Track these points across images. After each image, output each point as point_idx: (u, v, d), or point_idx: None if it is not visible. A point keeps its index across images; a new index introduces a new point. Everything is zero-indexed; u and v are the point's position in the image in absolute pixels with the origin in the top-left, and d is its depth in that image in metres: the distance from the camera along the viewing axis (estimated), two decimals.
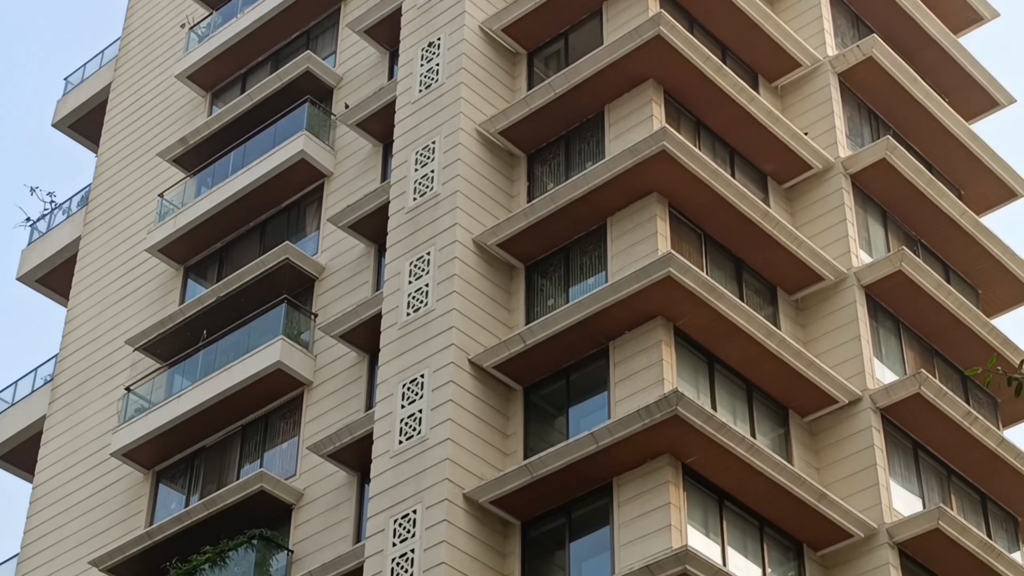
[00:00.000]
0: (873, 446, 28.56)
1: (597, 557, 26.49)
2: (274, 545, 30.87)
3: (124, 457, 34.92)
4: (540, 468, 26.60)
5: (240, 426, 34.03)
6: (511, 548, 27.28)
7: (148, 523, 34.28)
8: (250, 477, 31.66)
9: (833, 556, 27.87)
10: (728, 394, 28.47)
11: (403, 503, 27.24)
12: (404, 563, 26.59)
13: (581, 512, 27.06)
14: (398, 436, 28.11)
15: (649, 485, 26.06)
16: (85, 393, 38.23)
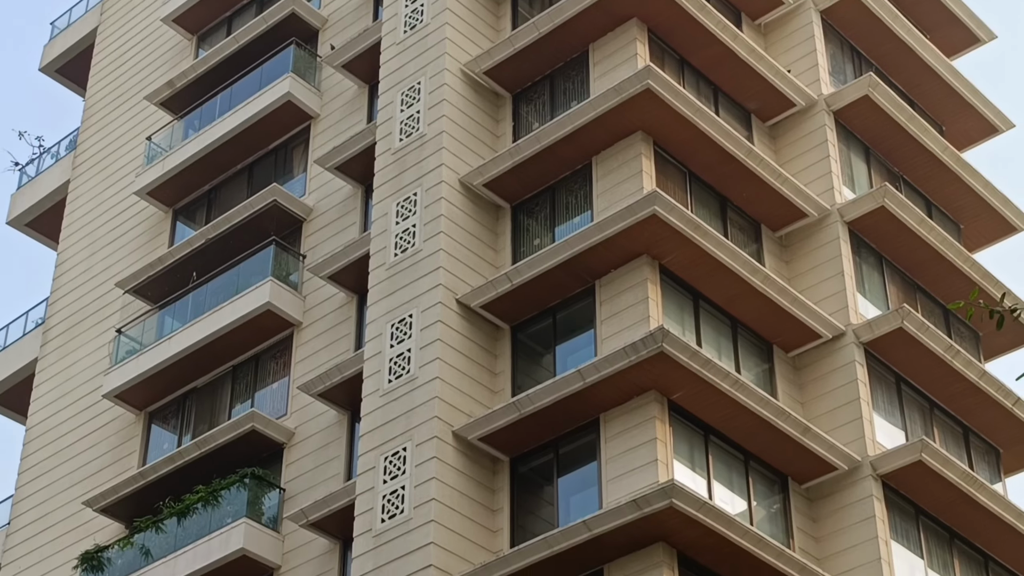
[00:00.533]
0: (856, 380, 28.65)
1: (584, 492, 26.60)
2: (266, 484, 30.96)
3: (116, 399, 34.94)
4: (528, 405, 26.66)
5: (231, 367, 34.03)
6: (500, 484, 27.38)
7: (141, 463, 34.33)
8: (241, 417, 31.71)
9: (817, 489, 28.01)
10: (713, 331, 28.52)
11: (393, 441, 27.30)
12: (395, 500, 26.68)
13: (568, 448, 27.15)
14: (387, 375, 28.14)
15: (635, 421, 26.14)
16: (76, 336, 38.21)
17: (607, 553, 25.04)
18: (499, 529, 26.90)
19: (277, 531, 30.34)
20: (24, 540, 35.98)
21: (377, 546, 26.48)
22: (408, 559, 25.89)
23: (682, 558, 24.92)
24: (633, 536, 24.71)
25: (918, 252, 31.63)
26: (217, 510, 30.66)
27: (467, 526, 26.54)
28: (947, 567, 28.77)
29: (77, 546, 33.93)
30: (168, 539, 31.20)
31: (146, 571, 31.12)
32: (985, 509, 28.94)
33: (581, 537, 24.89)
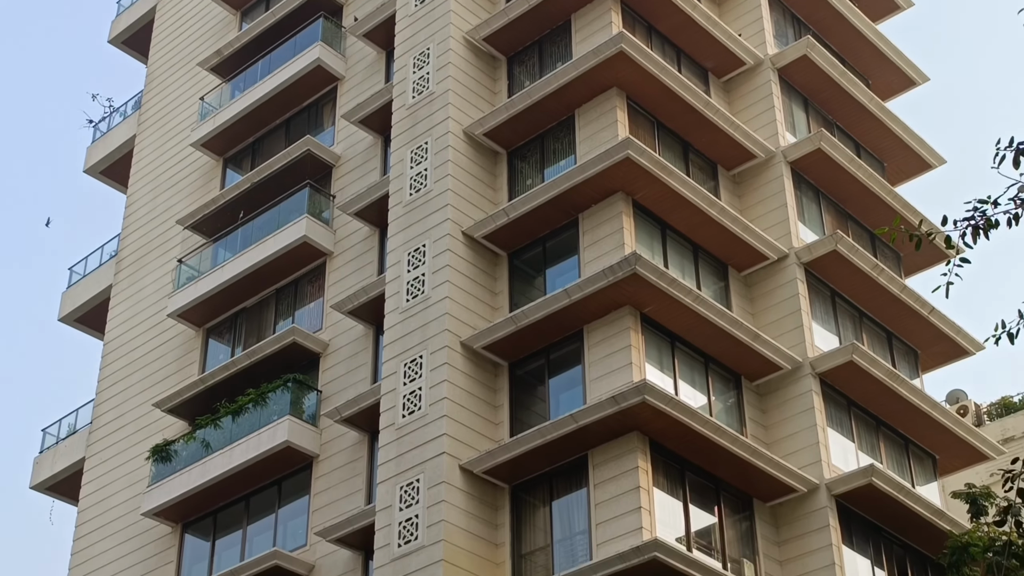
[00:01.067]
0: (798, 294, 28.65)
1: (571, 390, 26.70)
2: (305, 387, 31.06)
3: (179, 318, 34.98)
4: (523, 319, 26.70)
5: (274, 290, 34.04)
6: (501, 385, 27.47)
7: (200, 371, 34.43)
8: (284, 331, 31.76)
9: (766, 385, 28.10)
10: (677, 255, 28.48)
11: (411, 350, 27.36)
12: (413, 399, 26.78)
13: (558, 354, 27.21)
14: (405, 296, 28.15)
15: (613, 331, 26.20)
16: (144, 265, 38.19)
17: (590, 440, 25.17)
18: (500, 422, 26.99)
19: (315, 426, 30.46)
20: (104, 437, 36.14)
21: (399, 437, 26.59)
22: (425, 447, 26.01)
23: (653, 444, 25.04)
24: (612, 427, 24.82)
25: (849, 186, 31.56)
26: (265, 409, 30.80)
27: (474, 420, 26.65)
28: (874, 449, 28.93)
29: (148, 441, 34.10)
30: (224, 434, 31.38)
31: (206, 461, 31.29)
32: (906, 401, 29.08)
33: (568, 428, 25.00)
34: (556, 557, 25.12)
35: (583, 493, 25.12)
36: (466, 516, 25.40)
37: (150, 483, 32.62)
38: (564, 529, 25.35)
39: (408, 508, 25.57)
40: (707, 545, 25.36)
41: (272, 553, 28.84)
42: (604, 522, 24.34)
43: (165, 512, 32.12)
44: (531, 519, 25.88)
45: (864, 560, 26.88)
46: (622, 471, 24.54)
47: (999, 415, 36.55)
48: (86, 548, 34.56)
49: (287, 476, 30.78)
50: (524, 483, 26.13)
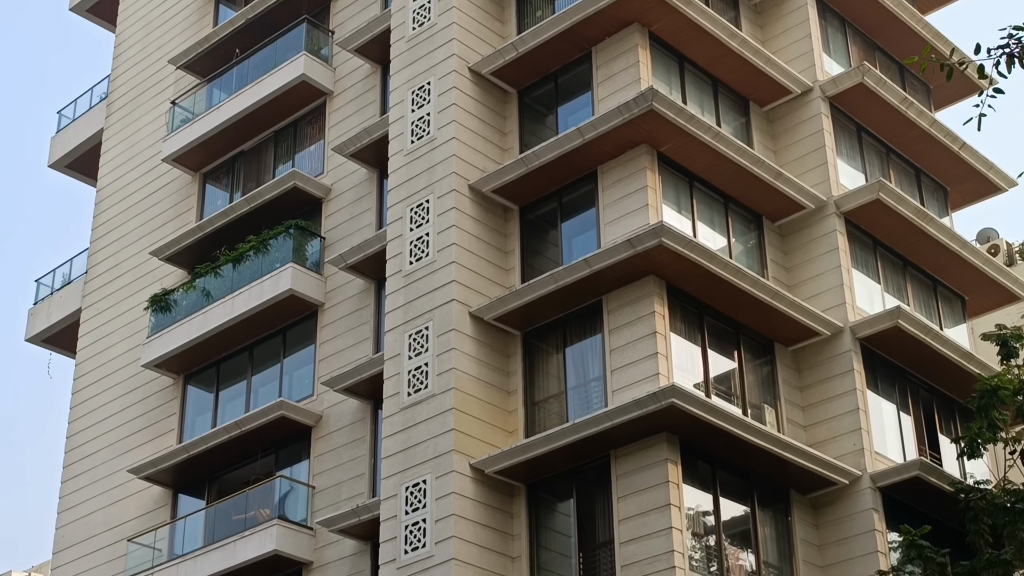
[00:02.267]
0: (822, 130, 28.49)
1: (585, 234, 26.71)
2: (308, 233, 31.13)
3: (174, 162, 34.94)
4: (534, 160, 26.60)
5: (273, 132, 33.92)
6: (511, 230, 27.49)
7: (199, 218, 34.50)
8: (284, 175, 31.73)
9: (788, 225, 28.08)
10: (696, 90, 28.25)
11: (417, 194, 27.33)
12: (420, 244, 26.83)
13: (570, 197, 27.16)
14: (410, 137, 28.01)
15: (629, 171, 26.12)
16: (136, 108, 38.01)
17: (605, 286, 25.26)
18: (511, 268, 27.08)
19: (320, 274, 30.60)
20: (100, 287, 36.36)
21: (407, 284, 26.71)
22: (434, 295, 26.15)
23: (670, 288, 25.11)
24: (627, 271, 24.89)
25: (876, 14, 31.18)
26: (267, 257, 30.91)
27: (484, 266, 26.71)
28: (901, 291, 29.05)
29: (146, 291, 34.31)
30: (225, 282, 31.55)
31: (207, 310, 31.53)
32: (934, 240, 29.10)
33: (582, 273, 25.08)
34: (570, 404, 25.38)
35: (598, 339, 25.30)
36: (477, 364, 25.64)
37: (149, 334, 32.91)
38: (578, 376, 25.58)
39: (417, 356, 25.81)
40: (726, 391, 25.60)
41: (278, 404, 29.22)
42: (619, 368, 24.54)
43: (166, 363, 32.47)
44: (544, 366, 26.11)
45: (890, 405, 27.17)
46: (638, 316, 24.69)
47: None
48: (85, 401, 35.02)
49: (291, 325, 31.05)
50: (536, 329, 26.30)
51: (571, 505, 24.80)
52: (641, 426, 23.49)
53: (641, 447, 23.74)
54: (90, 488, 33.71)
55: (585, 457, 24.38)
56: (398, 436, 25.48)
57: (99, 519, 33.04)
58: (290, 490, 29.05)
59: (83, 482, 33.99)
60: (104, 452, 33.78)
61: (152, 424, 32.88)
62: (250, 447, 30.26)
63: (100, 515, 33.08)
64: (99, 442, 34.06)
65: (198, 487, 31.45)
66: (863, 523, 24.98)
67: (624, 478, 23.74)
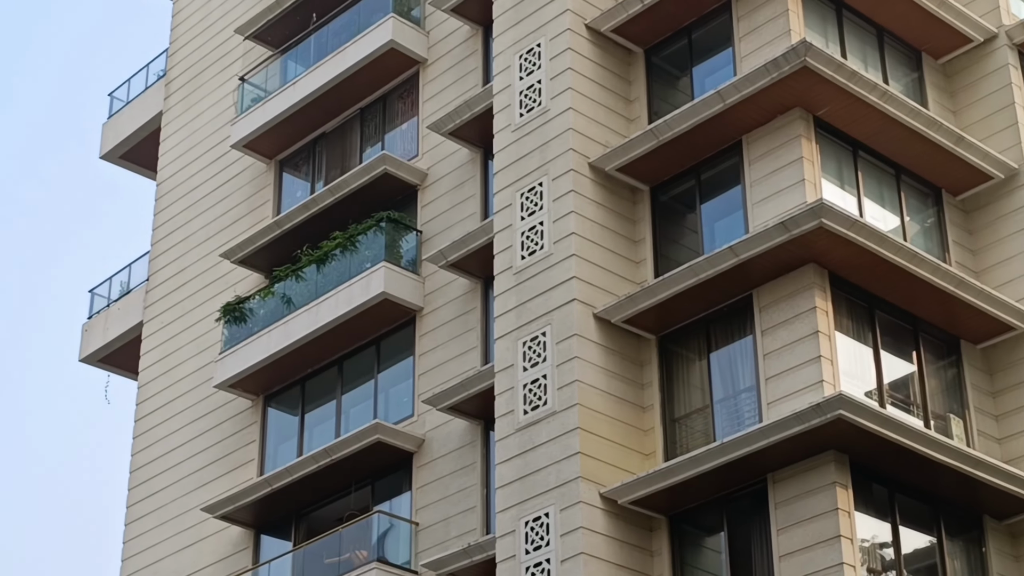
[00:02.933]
0: (1010, 84, 28.05)
1: (730, 217, 26.55)
2: (402, 226, 31.24)
3: (244, 148, 35.26)
4: (666, 131, 26.42)
5: (358, 109, 34.11)
6: (641, 214, 27.41)
7: (275, 213, 34.80)
8: (373, 160, 31.86)
9: (973, 200, 27.71)
10: (858, 41, 27.89)
11: (528, 176, 27.30)
12: (534, 236, 26.78)
13: (710, 173, 27.01)
14: (519, 109, 27.98)
15: (780, 140, 25.85)
16: (200, 86, 38.45)
17: (755, 278, 25.06)
18: (642, 260, 26.99)
19: (417, 273, 30.71)
20: (164, 296, 36.80)
21: (519, 283, 26.69)
22: (551, 294, 26.10)
23: (834, 279, 24.84)
24: (781, 259, 24.65)
25: None
26: (355, 255, 31.09)
27: (609, 258, 26.65)
28: None
29: (217, 299, 34.68)
30: (308, 287, 31.78)
31: (289, 320, 31.77)
32: None
33: (727, 263, 24.87)
34: (717, 420, 25.34)
35: (748, 342, 25.22)
36: (605, 375, 25.59)
37: (222, 349, 33.29)
38: (726, 386, 25.52)
39: (534, 367, 25.81)
40: (904, 399, 25.36)
41: (373, 427, 29.42)
42: (776, 376, 24.40)
43: (242, 383, 32.84)
44: (685, 376, 26.06)
45: None
46: (796, 313, 24.51)
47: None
48: (150, 429, 35.46)
49: (386, 335, 31.24)
50: (674, 332, 26.24)
51: (722, 540, 24.74)
52: (804, 444, 23.33)
53: (804, 469, 23.60)
54: (158, 531, 34.10)
55: (737, 483, 24.30)
56: (514, 462, 25.52)
57: (169, 567, 33.44)
58: (390, 527, 29.19)
59: (150, 524, 34.39)
60: (173, 488, 34.16)
61: (228, 454, 33.21)
62: (342, 478, 30.47)
63: (170, 562, 33.47)
64: (167, 477, 34.46)
65: (283, 526, 31.71)
66: None
67: (785, 506, 23.62)
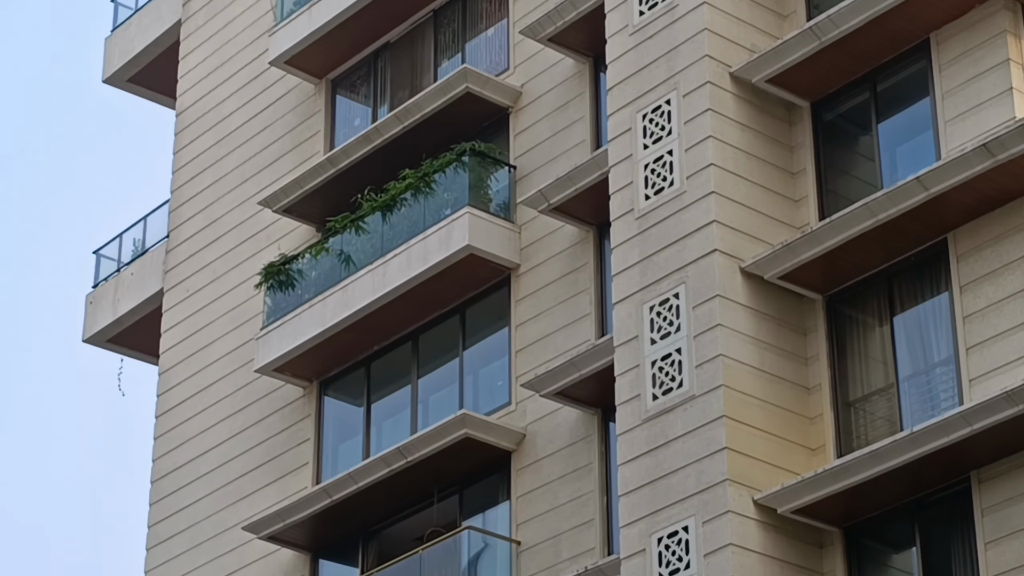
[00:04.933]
0: None
1: (915, 140, 26.49)
2: (491, 160, 31.35)
3: (287, 65, 35.49)
4: (831, 30, 26.19)
5: (431, 11, 34.21)
6: (800, 138, 27.36)
7: (327, 148, 34.93)
8: (451, 77, 31.97)
9: None
10: None
11: (653, 91, 27.24)
12: (661, 170, 26.71)
13: (890, 83, 26.92)
14: (639, 5, 27.82)
15: (980, 38, 25.59)
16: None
17: (951, 218, 24.95)
18: (803, 197, 26.98)
19: (511, 221, 30.74)
20: (189, 257, 37.08)
21: (643, 230, 26.70)
22: (684, 243, 26.13)
23: None
24: (985, 193, 24.49)
25: None
26: (431, 199, 31.20)
27: (759, 196, 26.64)
28: None
29: (256, 259, 34.88)
30: (373, 240, 31.96)
31: (348, 283, 31.98)
32: None
33: (916, 199, 24.67)
34: (905, 403, 25.33)
35: (944, 301, 25.19)
36: (757, 347, 25.65)
37: (265, 323, 33.52)
38: (916, 360, 25.48)
39: (665, 339, 25.91)
40: None
41: (460, 418, 29.66)
42: (980, 344, 24.32)
43: (291, 365, 33.15)
44: (862, 347, 26.07)
45: None
46: (1004, 263, 24.36)
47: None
48: (176, 427, 35.83)
49: (473, 300, 31.43)
50: (847, 290, 26.30)
51: (913, 556, 24.83)
52: (1019, 432, 23.25)
53: (1019, 464, 23.54)
54: (188, 556, 34.54)
55: (933, 483, 24.29)
56: (642, 461, 25.62)
57: None
58: (484, 547, 29.44)
59: (178, 547, 34.81)
60: (206, 502, 34.48)
61: (275, 457, 33.55)
62: (422, 486, 30.72)
63: None
64: (198, 487, 34.77)
65: (348, 548, 32.06)
66: None
67: (994, 512, 23.58)
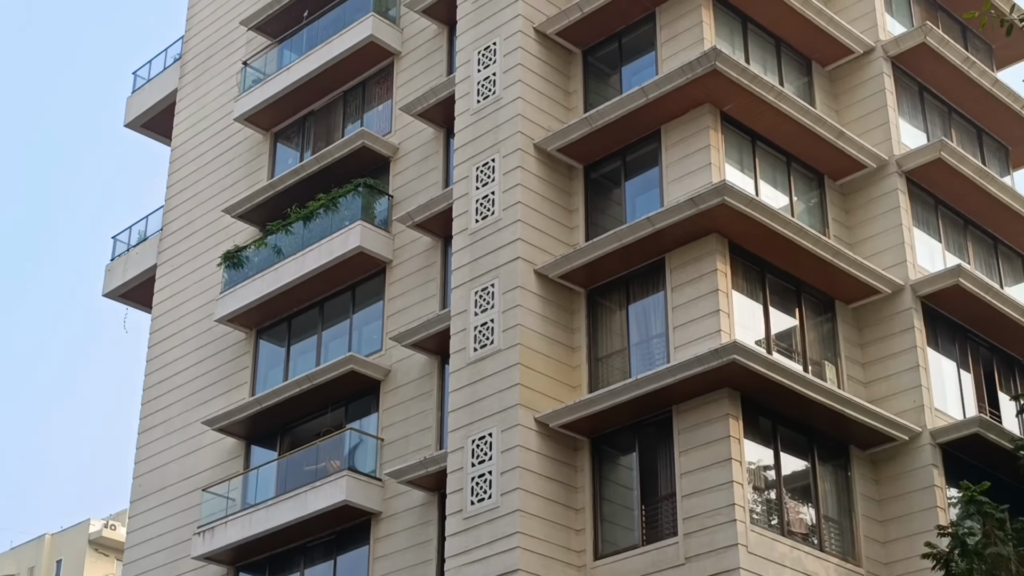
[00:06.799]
0: (884, 90, 28.18)
1: (648, 193, 26.51)
2: (376, 191, 31.17)
3: (246, 121, 35.07)
4: (598, 119, 26.44)
5: (342, 92, 33.93)
6: (576, 189, 27.36)
7: (270, 176, 34.64)
8: (353, 135, 31.75)
9: (850, 184, 27.82)
10: (759, 49, 27.91)
11: (483, 153, 27.26)
12: (486, 203, 26.78)
13: (634, 156, 26.97)
14: (476, 96, 27.91)
15: (692, 130, 25.91)
16: (209, 68, 38.15)
17: (667, 244, 25.13)
18: (576, 226, 26.97)
19: (388, 231, 30.68)
20: (175, 244, 36.65)
21: (473, 242, 26.69)
22: (500, 252, 26.10)
23: (732, 246, 24.94)
24: (690, 229, 24.73)
25: None
26: (336, 214, 30.99)
27: (548, 224, 26.63)
28: (962, 249, 28.71)
29: (219, 247, 34.59)
30: (296, 239, 31.70)
31: (278, 267, 31.71)
32: (995, 199, 28.76)
33: (645, 231, 24.94)
34: (633, 360, 25.29)
35: (660, 296, 25.19)
36: (542, 320, 25.60)
37: (223, 289, 33.17)
38: (641, 332, 25.47)
39: (483, 313, 25.81)
40: (787, 348, 25.44)
41: (348, 358, 29.36)
42: (682, 325, 24.43)
43: (239, 318, 32.73)
44: (607, 323, 26.02)
45: (950, 362, 26.91)
46: (700, 274, 24.56)
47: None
48: (161, 355, 35.37)
49: (360, 282, 31.15)
50: (600, 287, 26.21)
51: (634, 459, 24.79)
52: (703, 382, 23.42)
53: (703, 403, 23.67)
54: (165, 440, 34.09)
55: (647, 412, 24.33)
56: (465, 390, 25.53)
57: (174, 469, 33.40)
58: (359, 442, 29.22)
59: (159, 434, 34.38)
60: (179, 405, 34.14)
61: (225, 377, 33.17)
62: (320, 400, 30.46)
63: (175, 466, 33.43)
64: (174, 395, 34.42)
65: (270, 439, 31.71)
66: (923, 479, 24.84)
67: (686, 433, 23.69)
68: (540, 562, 23.72)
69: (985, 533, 21.97)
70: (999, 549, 21.75)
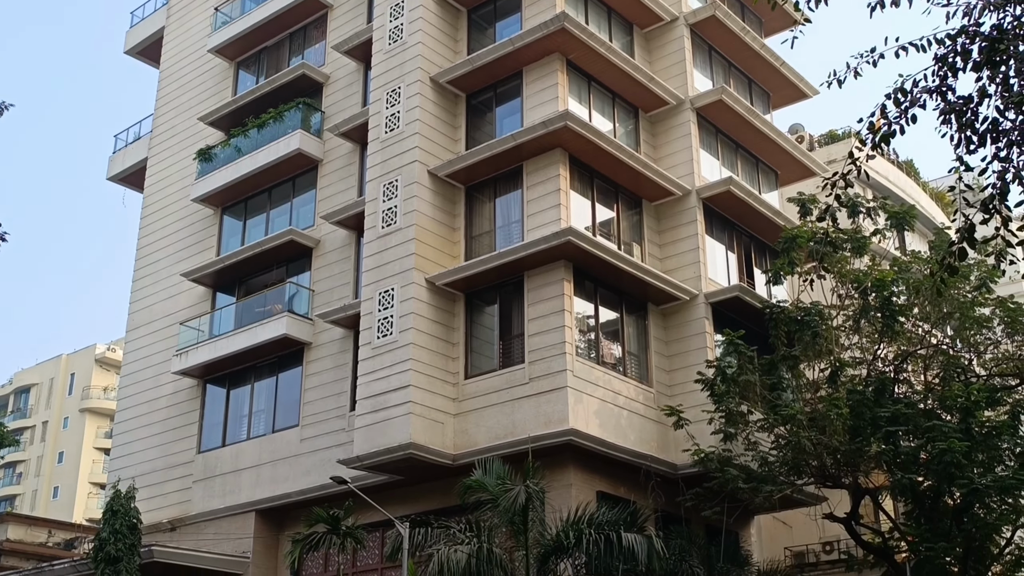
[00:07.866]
0: (684, 48, 27.84)
1: (512, 117, 26.00)
2: (312, 108, 30.43)
3: (217, 53, 33.62)
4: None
5: (288, 33, 32.59)
6: (459, 112, 26.64)
7: (234, 93, 33.45)
8: (296, 65, 30.79)
9: (656, 116, 27.50)
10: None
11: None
12: (393, 119, 26.04)
13: (503, 88, 26.37)
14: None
15: (545, 72, 25.49)
16: (191, 11, 36.16)
17: (524, 154, 24.86)
18: (459, 139, 26.23)
19: (320, 138, 29.94)
20: (162, 142, 35.43)
21: (383, 148, 26.08)
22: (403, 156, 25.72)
23: (571, 158, 24.76)
24: (541, 144, 24.51)
25: None
26: (282, 124, 30.26)
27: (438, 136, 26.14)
28: (733, 165, 28.77)
29: (195, 146, 33.68)
30: (252, 142, 30.88)
31: (238, 161, 30.91)
32: (759, 130, 28.81)
33: (508, 144, 24.64)
34: (497, 239, 25.14)
35: (518, 193, 25.00)
36: (432, 207, 25.29)
37: (197, 177, 32.32)
38: (504, 218, 25.27)
39: (389, 200, 25.39)
40: (607, 232, 25.50)
41: (288, 231, 28.94)
42: (533, 214, 24.32)
43: (209, 199, 31.96)
44: (480, 211, 25.77)
45: (720, 246, 27.26)
46: (547, 177, 24.42)
47: (826, 143, 36.64)
48: (150, 224, 34.49)
49: (299, 174, 30.51)
50: (475, 184, 25.86)
51: (495, 309, 24.76)
52: (546, 255, 23.44)
53: (546, 270, 23.69)
54: (153, 286, 33.37)
55: (506, 275, 24.28)
56: (374, 257, 25.20)
57: (160, 308, 32.78)
58: (296, 292, 28.90)
59: (148, 282, 33.64)
60: (164, 261, 33.41)
61: (199, 241, 32.47)
62: (268, 260, 29.95)
63: (160, 306, 32.81)
64: (160, 254, 33.64)
65: (231, 287, 31.15)
66: (697, 327, 25.25)
67: (533, 291, 23.73)
68: (426, 380, 23.73)
69: (739, 366, 22.53)
70: (749, 377, 22.34)
